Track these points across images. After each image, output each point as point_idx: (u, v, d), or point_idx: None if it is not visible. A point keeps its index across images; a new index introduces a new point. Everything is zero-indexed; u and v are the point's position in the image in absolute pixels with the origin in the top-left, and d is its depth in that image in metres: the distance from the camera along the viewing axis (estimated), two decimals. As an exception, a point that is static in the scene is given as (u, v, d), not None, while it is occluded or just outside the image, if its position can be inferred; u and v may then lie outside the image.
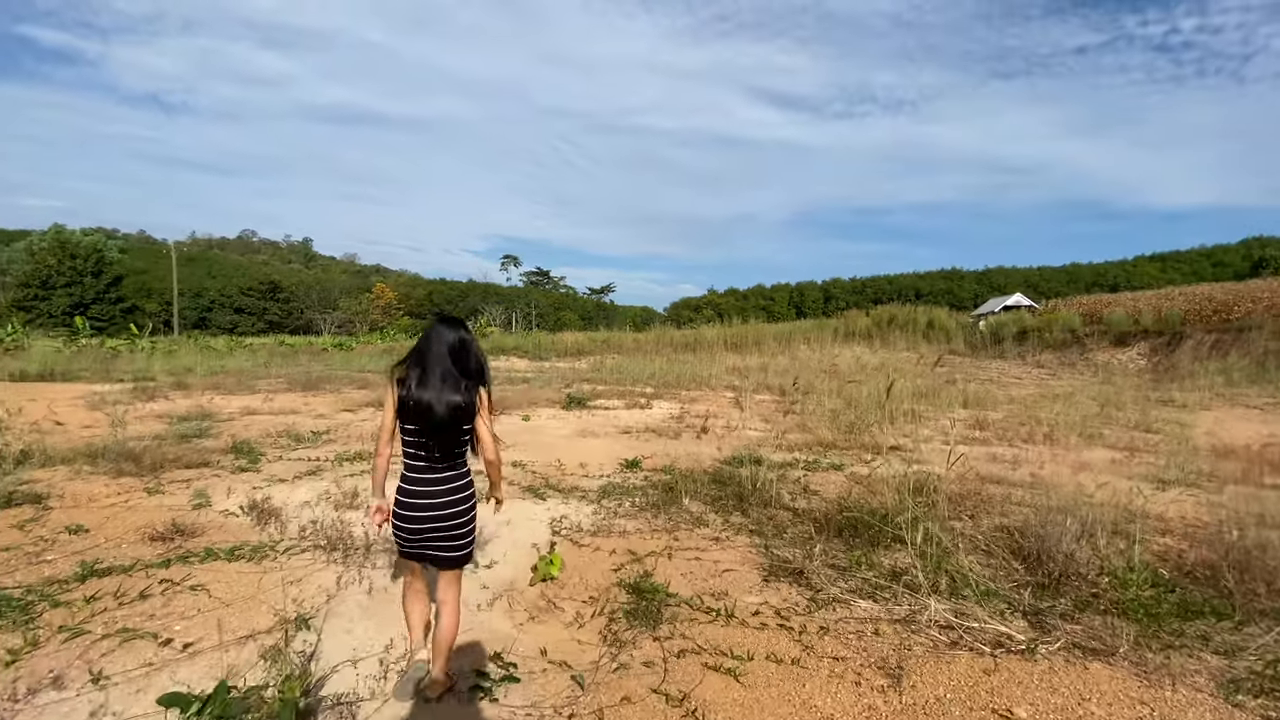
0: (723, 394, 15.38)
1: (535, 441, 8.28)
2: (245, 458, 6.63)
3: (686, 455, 7.55)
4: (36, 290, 74.13)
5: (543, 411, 11.35)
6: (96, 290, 77.76)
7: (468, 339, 2.57)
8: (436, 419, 2.42)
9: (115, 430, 6.36)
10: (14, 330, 32.83)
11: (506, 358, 28.51)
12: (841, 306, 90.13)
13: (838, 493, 5.91)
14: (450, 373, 2.47)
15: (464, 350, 2.54)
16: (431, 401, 2.41)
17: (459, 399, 2.45)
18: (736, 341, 33.47)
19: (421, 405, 2.41)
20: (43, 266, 76.05)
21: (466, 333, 2.59)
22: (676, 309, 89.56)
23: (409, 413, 2.45)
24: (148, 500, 4.99)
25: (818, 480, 6.44)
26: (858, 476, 6.67)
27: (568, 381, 16.79)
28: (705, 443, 8.52)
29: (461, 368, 2.51)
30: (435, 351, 2.49)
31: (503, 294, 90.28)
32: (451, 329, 2.55)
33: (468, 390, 2.49)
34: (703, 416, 11.29)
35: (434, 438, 2.46)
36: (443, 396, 2.43)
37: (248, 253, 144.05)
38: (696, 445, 8.25)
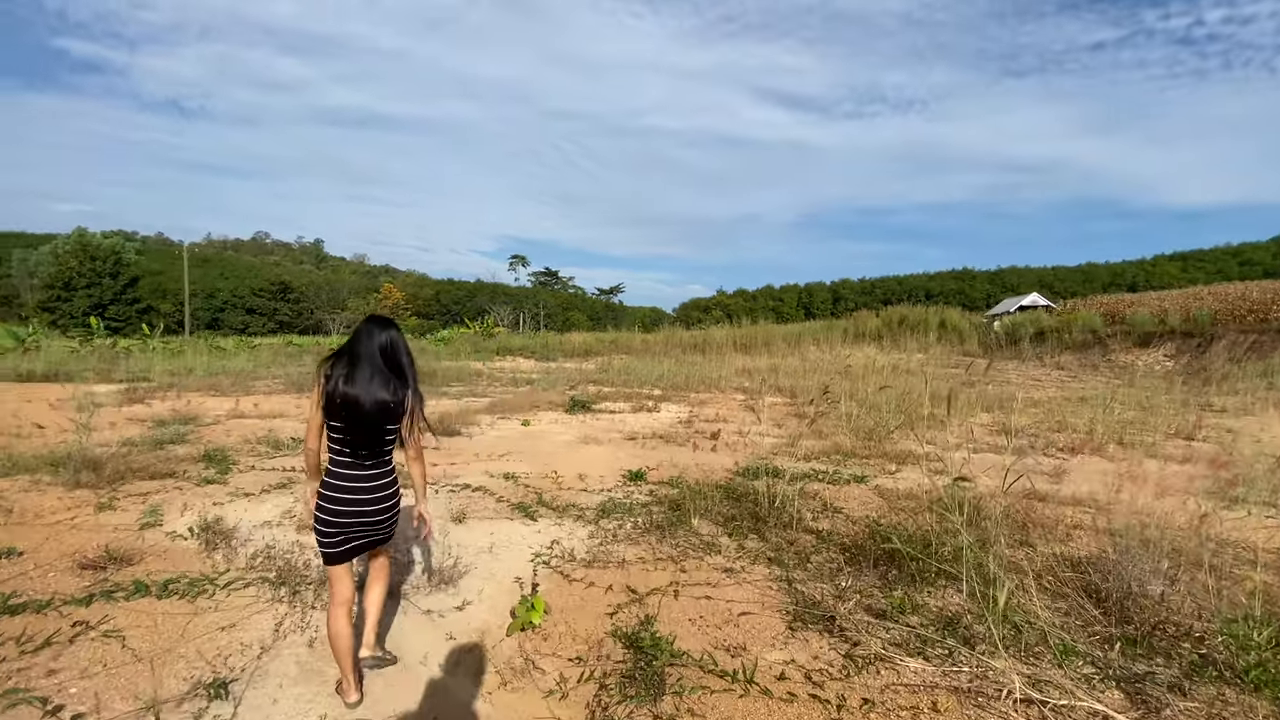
0: (733, 396, 14.75)
1: (533, 449, 7.69)
2: (215, 467, 6.09)
3: (696, 465, 6.94)
4: (60, 291, 74.69)
5: (544, 415, 10.77)
6: (114, 291, 78.25)
7: (397, 339, 2.59)
8: (363, 415, 2.44)
9: (80, 436, 5.84)
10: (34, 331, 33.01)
11: (513, 358, 27.99)
12: (850, 307, 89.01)
13: (864, 511, 5.28)
14: (380, 370, 2.49)
15: (393, 350, 2.55)
16: (359, 397, 2.43)
17: (387, 396, 2.47)
18: (746, 342, 32.75)
19: (349, 400, 2.42)
20: (65, 269, 76.69)
21: (397, 332, 2.61)
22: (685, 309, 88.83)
23: (335, 408, 2.45)
24: (95, 517, 4.46)
25: (840, 495, 5.81)
26: (884, 491, 6.03)
27: (573, 383, 16.22)
28: (716, 451, 7.90)
29: (391, 366, 2.53)
30: (365, 349, 2.50)
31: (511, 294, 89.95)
32: (382, 329, 2.57)
33: (396, 390, 2.51)
34: (713, 421, 10.67)
35: (360, 434, 2.47)
36: (370, 393, 2.44)
37: (261, 254, 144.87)
38: (707, 454, 7.64)
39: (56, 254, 78.75)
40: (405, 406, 2.55)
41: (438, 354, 28.02)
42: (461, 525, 4.63)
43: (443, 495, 5.45)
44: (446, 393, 14.36)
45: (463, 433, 8.81)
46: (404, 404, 2.54)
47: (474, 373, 19.08)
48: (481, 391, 14.65)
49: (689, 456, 7.44)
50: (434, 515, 3.58)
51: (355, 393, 2.42)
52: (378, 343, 2.53)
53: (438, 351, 29.40)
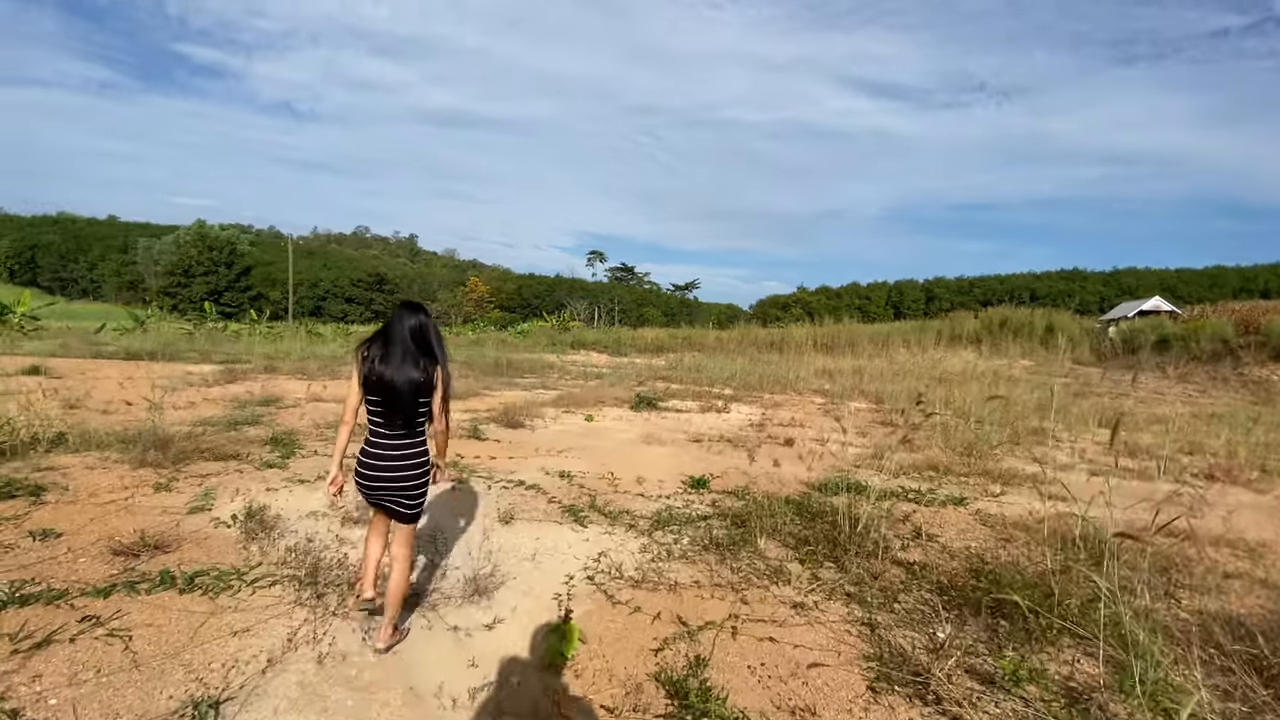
0: (811, 399, 13.88)
1: (593, 447, 7.34)
2: (280, 450, 6.12)
3: (766, 475, 6.35)
4: (180, 278, 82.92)
5: (609, 411, 10.44)
6: (229, 279, 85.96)
7: (426, 322, 2.76)
8: (397, 392, 2.64)
9: (154, 416, 6.02)
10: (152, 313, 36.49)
11: (586, 352, 28.06)
12: (945, 308, 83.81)
13: (964, 541, 4.54)
14: (410, 351, 2.68)
15: (423, 332, 2.73)
16: (393, 376, 2.64)
17: (418, 375, 2.67)
18: (827, 342, 31.25)
19: (384, 380, 2.64)
20: (185, 257, 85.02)
21: (426, 317, 2.78)
22: (763, 306, 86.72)
23: (372, 386, 2.67)
24: (149, 499, 4.47)
25: (935, 520, 5.06)
26: (988, 517, 5.22)
27: (642, 379, 15.86)
28: (789, 458, 7.26)
29: (421, 347, 2.71)
30: (398, 333, 2.69)
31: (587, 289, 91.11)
32: (413, 313, 2.76)
33: (425, 368, 2.70)
34: (787, 425, 9.96)
35: (394, 409, 2.67)
36: (403, 372, 2.64)
37: (361, 247, 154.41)
38: (780, 462, 7.01)
39: (178, 243, 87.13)
40: (435, 383, 2.75)
41: (516, 346, 28.55)
42: (508, 527, 4.31)
43: (494, 492, 5.17)
44: (518, 384, 14.37)
45: (526, 425, 8.61)
46: (433, 381, 2.74)
47: (547, 365, 19.14)
48: (552, 384, 14.56)
49: (759, 464, 6.85)
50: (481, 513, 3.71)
51: (390, 372, 2.64)
52: (408, 326, 2.72)
53: (516, 343, 29.98)
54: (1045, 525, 5.11)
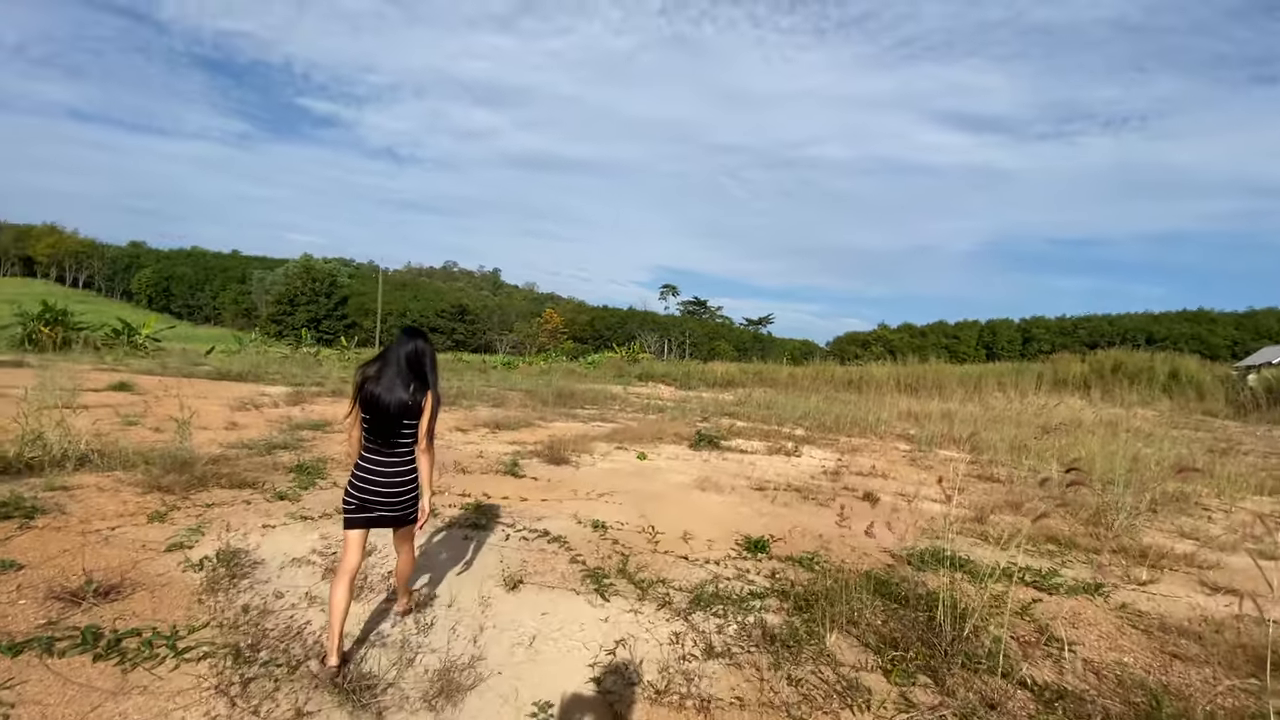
0: (894, 445, 12.46)
1: (639, 491, 6.52)
2: (301, 479, 5.71)
3: (841, 538, 5.30)
4: (285, 306, 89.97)
5: (665, 449, 9.59)
6: (328, 308, 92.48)
7: (423, 348, 2.89)
8: (384, 410, 2.77)
9: (180, 437, 5.77)
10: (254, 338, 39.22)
11: (654, 384, 27.36)
12: (1045, 349, 77.57)
13: (1113, 652, 3.36)
14: (403, 373, 2.81)
15: (418, 357, 2.86)
16: (381, 394, 2.77)
17: (404, 397, 2.78)
18: (912, 382, 29.05)
19: (374, 398, 2.78)
20: (291, 288, 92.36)
21: (424, 343, 2.91)
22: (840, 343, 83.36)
23: (366, 404, 2.81)
24: (136, 530, 4.06)
25: (1064, 614, 3.88)
26: (1138, 616, 3.97)
27: (706, 414, 14.90)
28: (870, 518, 6.15)
29: (414, 371, 2.83)
30: (394, 356, 2.85)
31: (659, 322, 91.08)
32: (410, 339, 2.89)
33: (415, 391, 2.81)
34: (867, 475, 8.75)
35: (381, 426, 2.79)
36: (393, 393, 2.77)
37: (448, 280, 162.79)
38: (858, 522, 5.92)
39: (286, 275, 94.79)
40: (423, 406, 2.83)
41: (583, 376, 28.29)
42: (513, 594, 3.56)
43: (511, 543, 4.45)
44: (576, 415, 13.80)
45: (571, 461, 7.91)
46: (422, 404, 2.82)
47: (610, 396, 18.55)
48: (611, 417, 13.89)
49: (832, 523, 5.79)
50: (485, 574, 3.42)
51: (379, 392, 2.76)
52: (405, 350, 2.83)
53: (584, 374, 29.74)
54: (1223, 634, 3.83)
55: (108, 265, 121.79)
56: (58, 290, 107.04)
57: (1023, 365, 36.15)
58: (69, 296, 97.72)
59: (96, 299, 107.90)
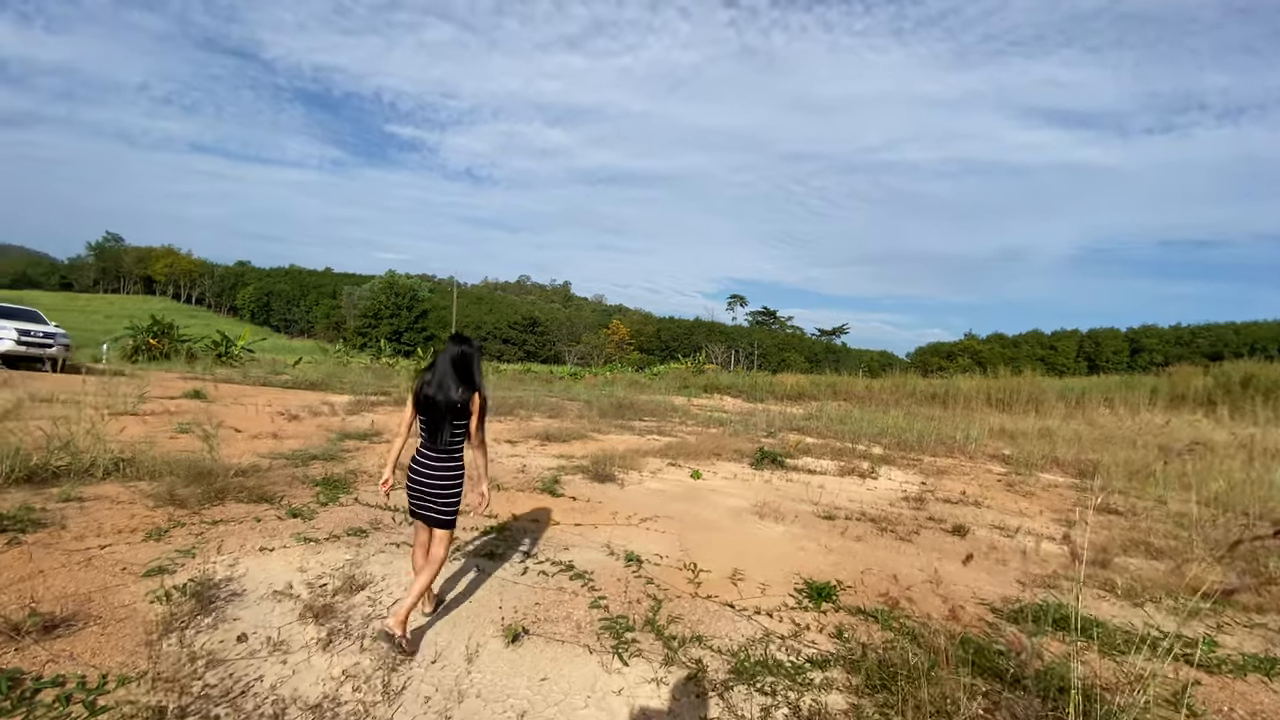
0: (986, 467, 11.09)
1: (687, 516, 5.79)
2: (324, 494, 5.37)
3: (924, 582, 4.39)
4: (370, 320, 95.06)
5: (723, 467, 8.80)
6: (408, 321, 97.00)
7: (469, 352, 3.11)
8: (437, 411, 2.99)
9: (208, 445, 5.58)
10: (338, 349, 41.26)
11: (719, 396, 26.44)
12: (1158, 361, 70.48)
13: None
14: (452, 376, 3.02)
15: (464, 361, 3.08)
16: (434, 396, 3.00)
17: (454, 397, 2.98)
18: (1004, 397, 26.62)
19: (427, 399, 3.01)
20: (376, 302, 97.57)
21: (470, 348, 3.12)
22: (922, 355, 78.87)
23: (420, 405, 3.04)
24: (127, 550, 3.75)
25: (1236, 706, 2.86)
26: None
27: (773, 428, 13.93)
28: (960, 554, 5.16)
29: (461, 374, 3.04)
30: (443, 360, 3.08)
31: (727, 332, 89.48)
32: (458, 344, 3.13)
33: (463, 392, 3.01)
34: (957, 502, 7.64)
35: (436, 426, 3.01)
36: (443, 394, 2.99)
37: (521, 294, 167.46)
38: (947, 561, 4.96)
39: (372, 290, 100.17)
40: (471, 407, 3.02)
41: (645, 387, 27.75)
42: (512, 649, 2.94)
43: (527, 579, 3.86)
44: (632, 427, 13.20)
45: (616, 479, 7.29)
46: (470, 404, 3.02)
47: (671, 408, 17.86)
48: (669, 429, 13.21)
49: (915, 562, 4.86)
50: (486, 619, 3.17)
51: (432, 393, 3.01)
52: (452, 355, 3.08)
53: (647, 385, 29.21)
54: None
55: (216, 283, 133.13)
56: (173, 306, 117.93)
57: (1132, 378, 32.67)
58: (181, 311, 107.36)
59: (206, 313, 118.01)
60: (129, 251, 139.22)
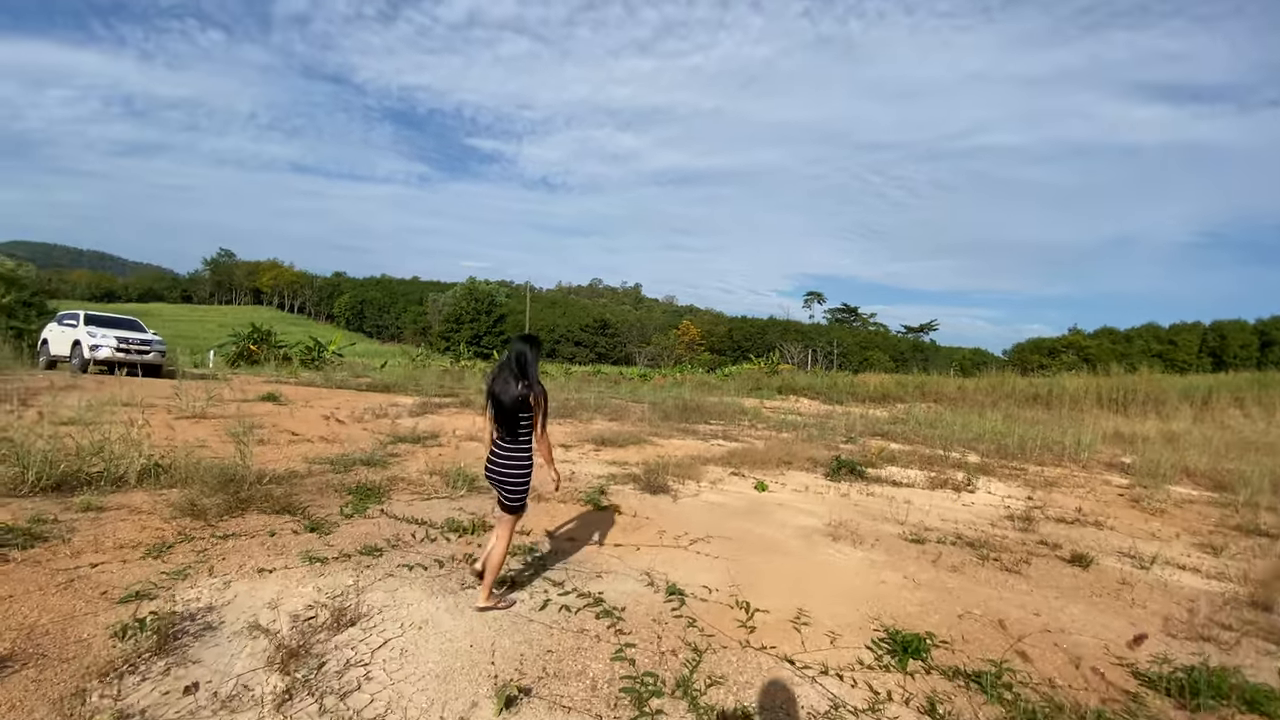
0: (1103, 478, 9.59)
1: (747, 536, 5.04)
2: (352, 504, 5.04)
3: (1042, 632, 3.45)
4: (452, 325, 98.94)
5: (793, 477, 7.93)
6: (487, 325, 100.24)
7: (527, 351, 3.32)
8: (501, 405, 3.25)
9: (242, 455, 5.39)
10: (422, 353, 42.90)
11: (794, 398, 25.15)
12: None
13: None
14: (513, 372, 3.26)
15: (522, 358, 3.30)
16: (498, 392, 3.26)
17: (515, 392, 3.22)
18: (1117, 397, 23.80)
19: (494, 394, 3.28)
20: (458, 308, 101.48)
21: (529, 346, 3.35)
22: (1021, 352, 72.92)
23: (490, 400, 3.32)
24: (120, 570, 3.48)
25: None
26: None
27: (853, 433, 12.80)
28: (1083, 589, 4.13)
29: (521, 371, 3.27)
30: (507, 358, 3.33)
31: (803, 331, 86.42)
32: (520, 344, 3.35)
33: (524, 387, 3.23)
34: (1072, 521, 6.45)
35: (503, 418, 3.26)
36: (506, 390, 3.24)
37: (593, 297, 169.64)
38: (1065, 598, 3.96)
39: (454, 297, 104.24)
40: (530, 401, 3.24)
41: (715, 388, 26.83)
42: (504, 717, 2.35)
43: (545, 617, 3.27)
44: (696, 431, 12.48)
45: (670, 490, 6.62)
46: (529, 398, 3.23)
47: (740, 411, 16.95)
48: (736, 434, 12.38)
49: (1028, 602, 3.90)
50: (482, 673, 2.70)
51: (497, 389, 3.27)
52: (513, 353, 3.32)
53: (717, 386, 28.27)
54: None
55: (315, 293, 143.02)
56: (278, 315, 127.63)
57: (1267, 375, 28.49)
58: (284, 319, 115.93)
59: (306, 321, 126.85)
60: (239, 266, 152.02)
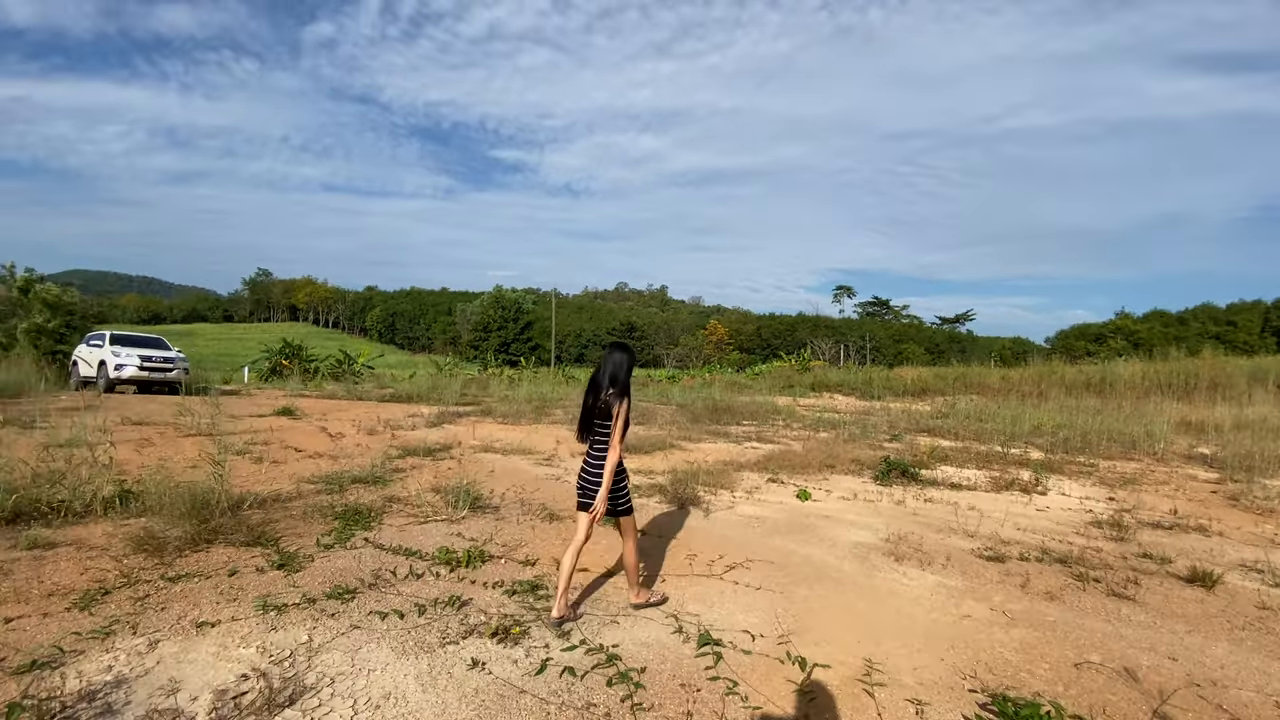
0: (1185, 472, 8.49)
1: (790, 557, 4.26)
2: (335, 533, 4.43)
3: (1185, 681, 2.61)
4: (480, 333, 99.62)
5: (839, 482, 7.09)
6: (515, 332, 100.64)
7: (619, 358, 3.34)
8: (585, 410, 3.32)
9: (217, 475, 4.83)
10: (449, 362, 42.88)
11: (829, 395, 24.08)
12: (1377, 332, 57.44)
13: None
14: (599, 382, 3.30)
15: (613, 366, 3.31)
16: (586, 399, 3.33)
17: (592, 400, 3.29)
18: (1178, 382, 22.11)
19: (584, 404, 3.35)
20: (485, 316, 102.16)
21: (620, 353, 3.37)
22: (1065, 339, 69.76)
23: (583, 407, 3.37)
24: (39, 625, 2.90)
25: None
26: None
27: (895, 431, 11.85)
28: (1219, 620, 3.25)
29: (609, 379, 3.28)
30: (600, 366, 3.36)
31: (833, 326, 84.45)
32: (612, 350, 3.38)
33: (607, 395, 3.25)
34: (1170, 527, 5.49)
35: (582, 424, 3.36)
36: (588, 398, 3.31)
37: (620, 300, 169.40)
38: (1197, 633, 3.10)
39: (481, 306, 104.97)
40: (614, 410, 3.21)
41: (745, 388, 25.91)
42: None
43: (543, 681, 2.57)
44: (728, 434, 11.69)
45: (701, 502, 5.87)
46: (612, 407, 3.22)
47: (773, 410, 16.07)
48: (771, 435, 11.56)
49: (1152, 639, 3.04)
50: None
51: (587, 396, 3.32)
52: (609, 360, 3.33)
53: (748, 385, 27.33)
54: None
55: (348, 307, 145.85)
56: (313, 330, 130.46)
57: (1353, 353, 26.26)
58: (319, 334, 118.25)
59: (340, 335, 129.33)
60: (276, 284, 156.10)
